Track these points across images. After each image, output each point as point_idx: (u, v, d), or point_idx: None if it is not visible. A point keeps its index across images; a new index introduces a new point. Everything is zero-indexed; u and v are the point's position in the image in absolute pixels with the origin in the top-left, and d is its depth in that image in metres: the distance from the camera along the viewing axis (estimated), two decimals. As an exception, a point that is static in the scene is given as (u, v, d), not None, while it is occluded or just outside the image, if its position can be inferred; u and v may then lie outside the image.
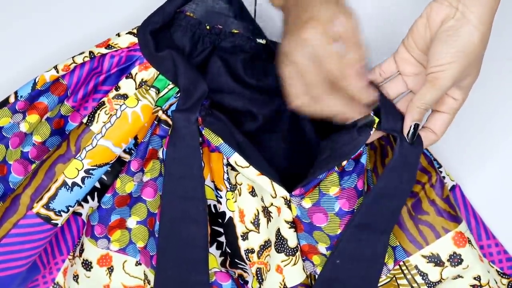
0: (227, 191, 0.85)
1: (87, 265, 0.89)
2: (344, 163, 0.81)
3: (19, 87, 0.86)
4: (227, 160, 0.84)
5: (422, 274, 0.87)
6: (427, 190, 0.87)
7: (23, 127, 0.86)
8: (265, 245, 0.85)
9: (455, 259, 0.86)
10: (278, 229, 0.84)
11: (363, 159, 0.82)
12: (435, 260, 0.86)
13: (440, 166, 0.92)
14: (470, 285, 0.87)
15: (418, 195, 0.87)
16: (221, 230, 0.87)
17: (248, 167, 0.81)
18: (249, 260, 0.85)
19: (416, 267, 0.87)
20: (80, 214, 0.90)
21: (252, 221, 0.84)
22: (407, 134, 0.77)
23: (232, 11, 0.89)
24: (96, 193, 0.89)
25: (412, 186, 0.81)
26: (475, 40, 0.73)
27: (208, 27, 0.88)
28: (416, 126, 0.77)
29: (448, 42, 0.73)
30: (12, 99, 0.85)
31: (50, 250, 0.92)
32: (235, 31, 0.89)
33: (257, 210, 0.84)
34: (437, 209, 0.87)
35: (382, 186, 0.80)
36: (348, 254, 0.83)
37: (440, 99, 0.77)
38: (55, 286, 0.94)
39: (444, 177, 0.93)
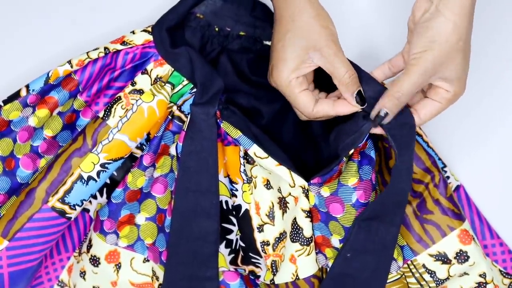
0: (244, 183, 0.86)
1: (95, 261, 0.90)
2: (351, 151, 0.84)
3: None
4: (244, 153, 0.85)
5: (430, 272, 0.88)
6: (431, 190, 0.89)
7: (32, 121, 0.86)
8: (280, 237, 0.86)
9: (462, 256, 0.88)
10: (294, 218, 0.86)
11: (373, 154, 0.85)
12: (442, 258, 0.88)
13: (445, 166, 0.95)
14: (476, 283, 0.89)
15: (422, 195, 0.89)
16: (231, 227, 0.88)
17: (267, 157, 0.83)
18: (265, 253, 0.86)
19: (423, 265, 0.88)
20: (88, 211, 0.90)
21: (267, 214, 0.86)
22: (374, 118, 0.80)
23: (241, 12, 0.91)
24: (105, 189, 0.89)
25: (412, 165, 0.83)
26: (446, 29, 0.77)
27: (217, 29, 0.90)
28: (385, 114, 0.79)
29: (421, 33, 0.78)
30: (23, 93, 0.85)
31: (54, 244, 0.92)
32: (242, 33, 0.91)
33: (272, 203, 0.86)
34: (441, 208, 0.88)
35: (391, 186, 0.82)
36: (358, 247, 0.85)
37: (419, 88, 0.79)
38: (59, 283, 0.94)
39: (448, 177, 0.95)
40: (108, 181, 0.89)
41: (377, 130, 0.82)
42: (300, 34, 0.79)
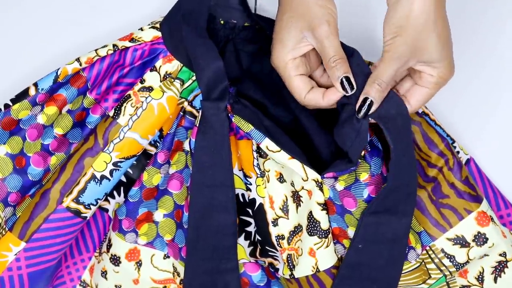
0: (257, 177, 0.85)
1: (115, 260, 0.90)
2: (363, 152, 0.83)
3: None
4: (257, 146, 0.85)
5: (449, 256, 0.87)
6: (446, 173, 0.88)
7: (41, 119, 0.86)
8: (295, 231, 0.85)
9: (480, 239, 0.87)
10: (310, 212, 0.85)
11: (379, 145, 0.84)
12: (461, 242, 0.87)
13: (454, 142, 0.94)
14: (496, 262, 0.88)
15: (436, 179, 0.88)
16: (249, 219, 0.88)
17: (279, 151, 0.83)
18: (280, 247, 0.86)
19: (442, 250, 0.87)
20: (107, 210, 0.91)
21: (281, 208, 0.85)
22: (359, 109, 0.79)
23: (241, 3, 0.90)
24: (122, 188, 0.89)
25: (413, 154, 0.82)
26: (411, 13, 0.75)
27: (222, 21, 0.90)
28: (370, 103, 0.78)
29: (387, 19, 0.77)
30: (32, 92, 0.86)
31: (75, 244, 0.93)
32: (247, 24, 0.90)
33: (286, 196, 0.85)
34: (457, 192, 0.87)
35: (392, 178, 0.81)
36: (369, 238, 0.84)
37: (397, 73, 0.78)
38: (82, 284, 0.94)
39: (458, 152, 0.94)
40: (124, 180, 0.89)
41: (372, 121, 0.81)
42: (297, 14, 0.79)
